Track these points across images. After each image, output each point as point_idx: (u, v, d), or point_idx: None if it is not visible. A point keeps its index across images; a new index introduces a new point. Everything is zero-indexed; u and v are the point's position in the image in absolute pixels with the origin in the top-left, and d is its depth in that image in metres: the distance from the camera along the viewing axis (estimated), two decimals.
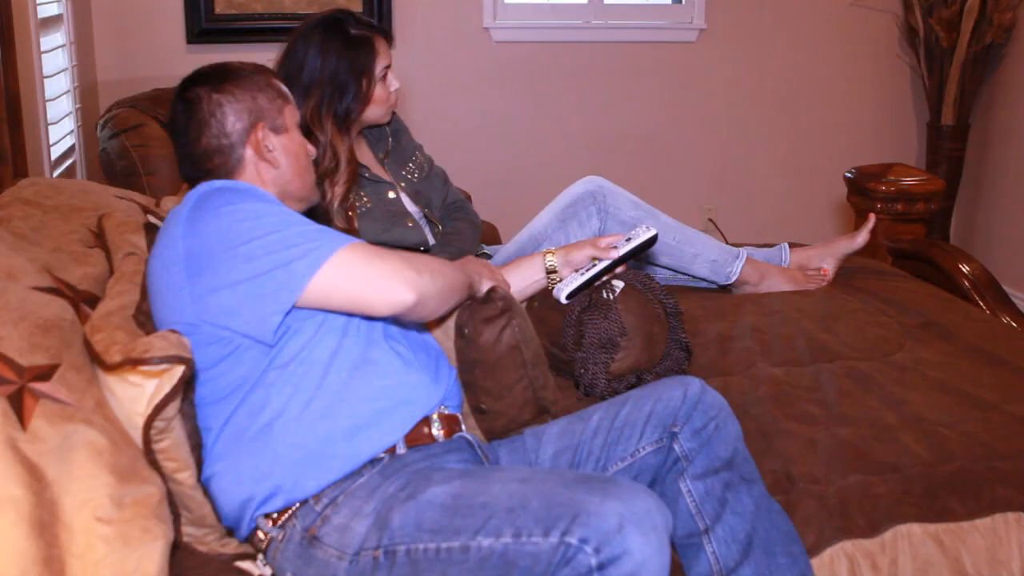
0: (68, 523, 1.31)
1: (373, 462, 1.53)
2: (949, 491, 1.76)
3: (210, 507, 1.55)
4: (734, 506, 1.59)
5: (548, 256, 2.08)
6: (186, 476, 1.50)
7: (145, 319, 1.60)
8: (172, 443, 1.48)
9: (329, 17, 2.36)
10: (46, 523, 1.28)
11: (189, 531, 1.55)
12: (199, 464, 1.54)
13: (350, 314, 1.55)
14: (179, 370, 1.42)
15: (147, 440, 1.46)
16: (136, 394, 1.45)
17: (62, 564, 1.29)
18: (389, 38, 2.41)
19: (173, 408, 1.45)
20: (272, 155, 1.69)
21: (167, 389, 1.42)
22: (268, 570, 1.53)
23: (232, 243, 1.48)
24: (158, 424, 1.45)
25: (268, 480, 1.50)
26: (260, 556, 1.54)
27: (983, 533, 1.73)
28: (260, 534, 1.53)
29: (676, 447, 1.62)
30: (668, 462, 1.63)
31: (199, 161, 1.67)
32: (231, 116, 1.66)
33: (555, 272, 2.07)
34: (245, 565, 1.54)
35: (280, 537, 1.50)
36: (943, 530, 1.72)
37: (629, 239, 2.05)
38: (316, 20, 2.36)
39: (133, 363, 1.42)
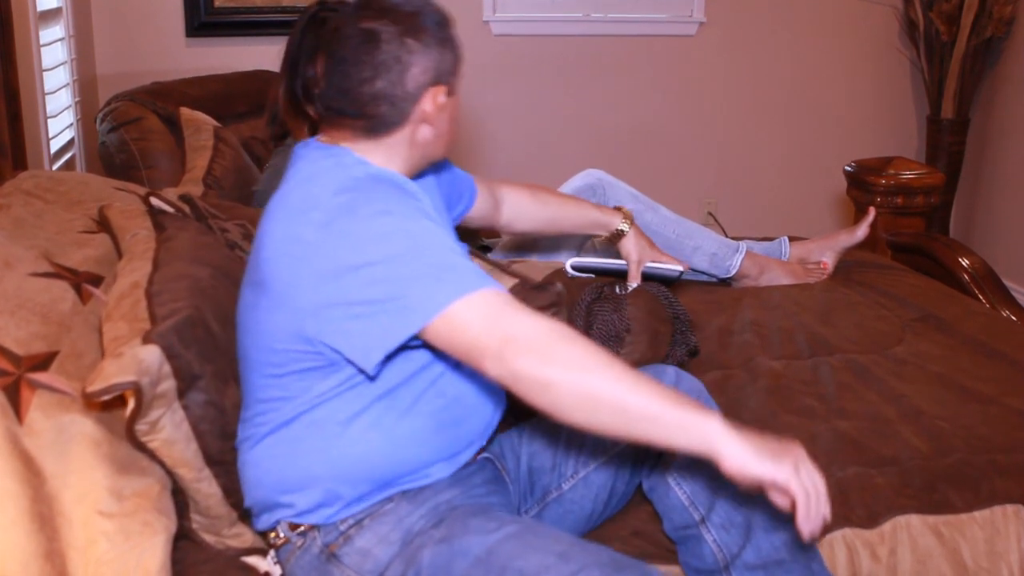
0: (68, 516, 1.31)
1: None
2: (948, 484, 1.76)
3: (217, 498, 1.51)
4: (726, 492, 1.57)
5: (625, 224, 2.18)
6: (184, 471, 1.47)
7: (159, 288, 1.54)
8: (163, 442, 1.44)
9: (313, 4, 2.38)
10: (46, 517, 1.28)
11: (197, 518, 1.52)
12: (208, 452, 1.48)
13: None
14: (130, 397, 1.36)
15: (135, 442, 1.42)
16: None
17: (63, 558, 1.28)
18: None
19: (156, 413, 1.41)
20: (439, 118, 1.51)
21: (132, 407, 1.37)
22: (278, 569, 1.50)
23: (363, 259, 1.34)
24: (140, 427, 1.40)
25: (312, 498, 1.45)
26: (272, 553, 1.52)
27: (981, 525, 1.73)
28: (280, 532, 1.49)
29: None
30: (651, 457, 1.61)
31: (362, 103, 1.45)
32: (416, 68, 1.46)
33: (621, 236, 2.17)
34: (253, 561, 1.52)
35: (299, 544, 1.47)
36: (942, 522, 1.72)
37: (660, 264, 2.20)
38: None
39: (84, 397, 1.37)
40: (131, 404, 1.36)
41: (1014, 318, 2.64)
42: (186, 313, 1.50)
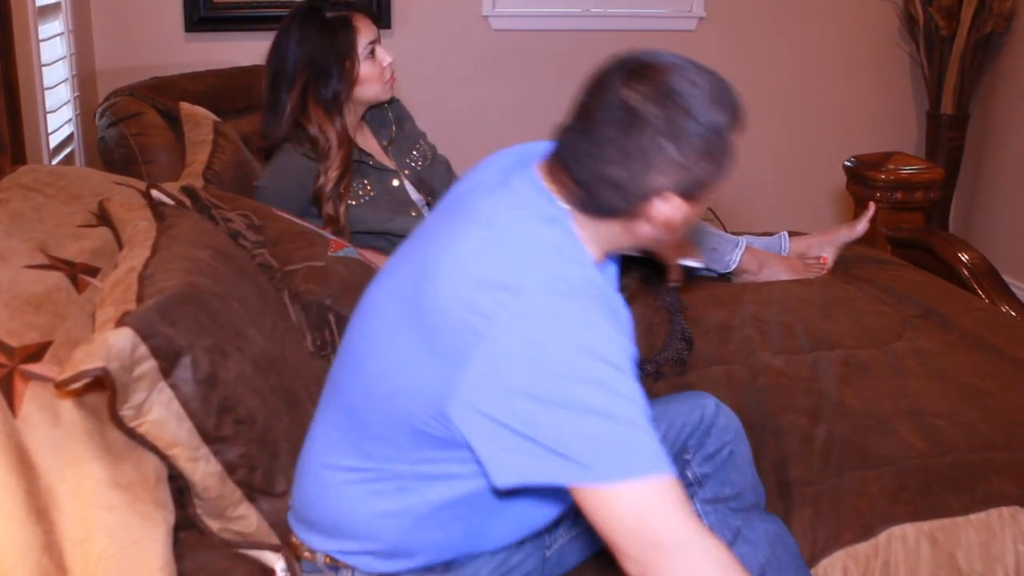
0: (65, 510, 1.30)
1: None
2: (944, 485, 1.75)
3: (217, 476, 1.45)
4: (747, 535, 1.56)
5: None
6: (179, 451, 1.41)
7: (154, 271, 1.51)
8: (153, 424, 1.38)
9: (306, 4, 2.37)
10: (42, 510, 1.27)
11: (199, 502, 1.47)
12: (204, 430, 1.43)
13: None
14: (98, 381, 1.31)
15: (123, 428, 1.38)
16: None
17: (60, 551, 1.28)
18: (371, 14, 2.41)
19: (139, 397, 1.37)
20: (662, 225, 1.31)
21: (109, 393, 1.33)
22: None
23: (544, 391, 1.18)
24: (126, 413, 1.36)
25: (365, 547, 1.40)
26: (284, 561, 1.46)
27: (977, 528, 1.72)
28: (315, 553, 1.45)
29: (688, 473, 1.58)
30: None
31: (591, 179, 1.28)
32: (659, 170, 1.25)
33: None
34: (264, 557, 1.47)
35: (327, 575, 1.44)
36: (937, 528, 1.71)
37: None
38: (294, 9, 2.37)
39: (56, 387, 1.33)
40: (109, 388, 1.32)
41: (1013, 313, 2.64)
42: (174, 291, 1.45)
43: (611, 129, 1.25)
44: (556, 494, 1.34)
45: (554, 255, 1.26)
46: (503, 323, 1.20)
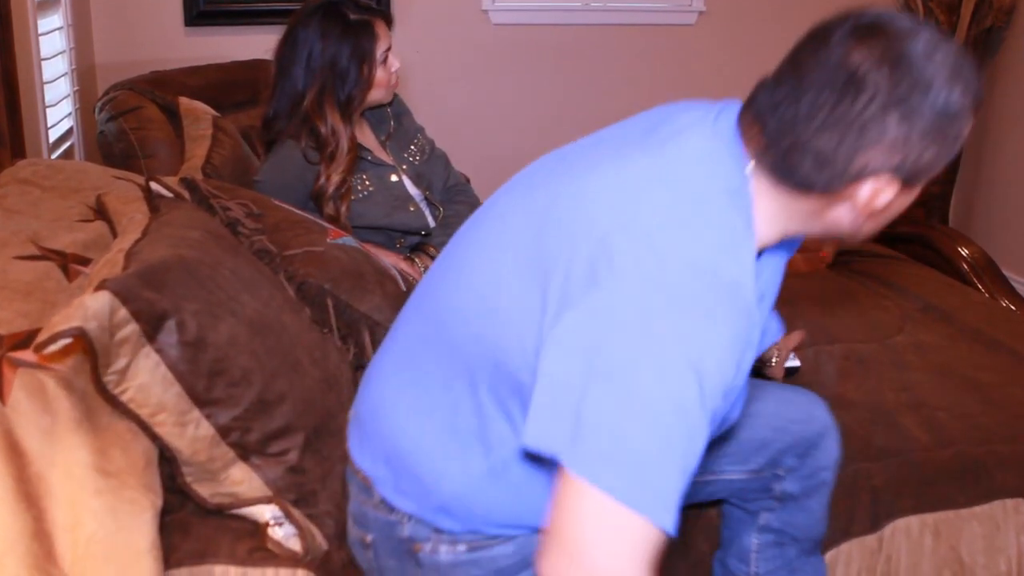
0: (56, 496, 1.30)
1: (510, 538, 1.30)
2: (948, 478, 1.76)
3: (208, 440, 1.42)
4: (797, 565, 1.55)
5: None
6: (165, 417, 1.39)
7: (140, 248, 1.50)
8: (138, 390, 1.37)
9: (327, 2, 2.35)
10: (33, 497, 1.27)
11: (188, 470, 1.45)
12: (194, 393, 1.41)
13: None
14: (77, 343, 1.28)
15: (108, 397, 1.36)
16: None
17: (50, 538, 1.28)
18: (389, 20, 2.41)
19: (122, 361, 1.35)
20: (865, 210, 1.12)
21: (91, 356, 1.32)
22: (289, 530, 1.42)
23: (614, 367, 1.02)
24: (109, 379, 1.35)
25: (429, 483, 1.28)
26: (279, 508, 1.43)
27: (980, 521, 1.73)
28: (370, 484, 1.33)
29: (776, 486, 1.54)
30: (758, 490, 1.53)
31: (790, 144, 1.08)
32: (879, 149, 1.06)
33: None
34: (256, 513, 1.45)
35: (384, 509, 1.32)
36: (940, 520, 1.72)
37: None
38: (314, 5, 2.35)
39: (35, 351, 1.31)
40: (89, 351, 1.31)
41: (1013, 308, 2.64)
42: (158, 259, 1.44)
43: (826, 92, 1.05)
44: None
45: (720, 239, 1.08)
46: (626, 279, 1.04)
